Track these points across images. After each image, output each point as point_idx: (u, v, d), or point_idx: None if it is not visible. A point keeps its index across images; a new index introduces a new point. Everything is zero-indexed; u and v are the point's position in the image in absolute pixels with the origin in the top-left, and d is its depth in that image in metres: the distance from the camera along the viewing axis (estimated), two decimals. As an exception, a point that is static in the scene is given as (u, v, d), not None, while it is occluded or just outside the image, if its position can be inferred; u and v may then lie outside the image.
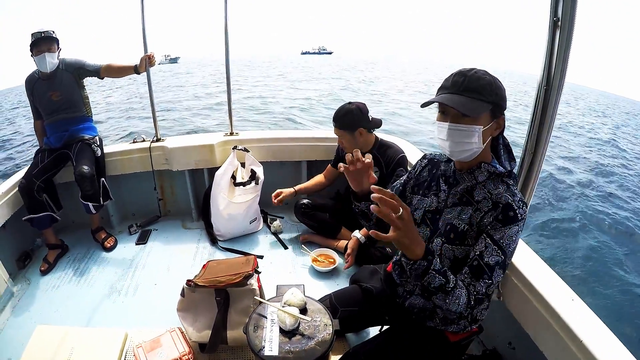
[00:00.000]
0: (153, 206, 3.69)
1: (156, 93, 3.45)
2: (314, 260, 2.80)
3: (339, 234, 3.00)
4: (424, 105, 1.35)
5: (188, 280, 1.80)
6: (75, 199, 3.30)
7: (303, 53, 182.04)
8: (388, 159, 2.68)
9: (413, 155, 2.92)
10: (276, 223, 3.31)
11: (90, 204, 3.09)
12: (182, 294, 1.85)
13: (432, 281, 1.22)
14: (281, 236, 3.24)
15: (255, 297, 1.80)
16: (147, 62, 3.17)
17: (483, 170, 1.36)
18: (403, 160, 2.68)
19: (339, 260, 2.81)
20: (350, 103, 2.67)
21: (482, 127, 1.27)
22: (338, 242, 2.96)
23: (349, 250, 2.71)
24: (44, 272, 3.08)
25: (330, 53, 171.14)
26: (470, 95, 1.26)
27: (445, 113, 1.33)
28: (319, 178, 3.16)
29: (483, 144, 1.31)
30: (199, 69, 61.42)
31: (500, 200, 1.29)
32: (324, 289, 2.63)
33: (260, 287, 1.89)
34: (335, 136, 3.09)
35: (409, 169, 2.48)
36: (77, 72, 3.16)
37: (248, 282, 1.79)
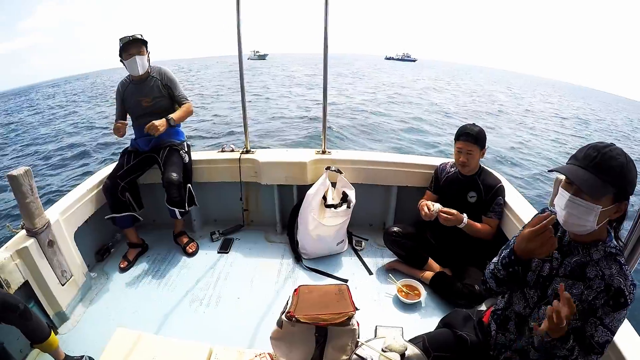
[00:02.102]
0: (236, 215, 3.73)
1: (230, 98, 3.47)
2: (399, 290, 2.76)
3: (425, 265, 2.93)
4: (551, 170, 1.41)
5: (289, 314, 1.80)
6: (158, 200, 3.40)
7: (387, 58, 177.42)
8: (488, 186, 2.69)
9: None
10: None
11: (176, 210, 3.15)
12: (280, 325, 1.84)
13: (559, 352, 1.32)
14: (365, 260, 3.19)
15: (357, 338, 1.79)
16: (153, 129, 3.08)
17: (599, 249, 1.37)
18: (502, 190, 2.70)
19: (424, 293, 2.73)
20: (473, 124, 2.66)
21: (602, 207, 1.28)
22: (424, 273, 2.89)
23: (453, 211, 2.60)
24: (123, 270, 3.19)
25: (414, 60, 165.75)
26: (598, 175, 1.26)
27: (571, 184, 1.34)
28: None
29: (597, 225, 1.31)
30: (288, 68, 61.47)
31: (612, 284, 1.30)
32: (407, 321, 2.59)
33: (358, 324, 1.88)
34: (430, 163, 3.07)
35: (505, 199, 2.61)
36: (167, 87, 3.23)
37: (350, 322, 1.79)
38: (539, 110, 28.27)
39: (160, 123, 3.06)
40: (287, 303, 1.95)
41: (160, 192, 3.25)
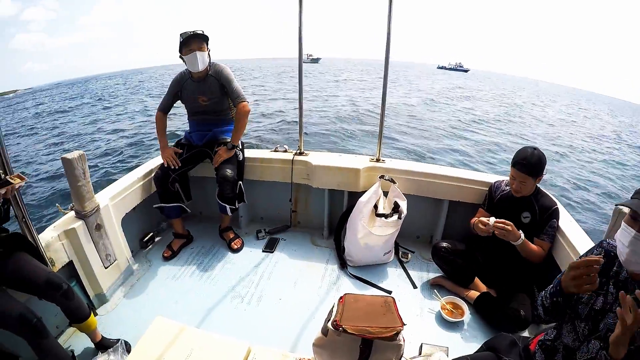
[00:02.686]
0: (284, 215, 3.74)
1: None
2: (443, 307, 2.68)
3: (471, 283, 2.84)
4: (619, 205, 1.43)
5: (335, 322, 1.77)
6: (206, 193, 3.49)
7: (439, 67, 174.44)
8: (543, 207, 2.58)
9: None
10: None
11: (227, 206, 3.17)
12: (325, 333, 1.81)
13: None
14: (410, 272, 3.12)
15: (402, 355, 1.75)
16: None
17: None
18: (557, 212, 2.59)
19: (467, 312, 2.65)
20: (535, 149, 2.52)
21: None
22: (469, 292, 2.81)
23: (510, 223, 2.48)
24: (167, 259, 3.25)
25: (466, 71, 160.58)
26: None
27: (636, 220, 1.30)
28: None
29: None
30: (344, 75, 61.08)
31: None
32: (449, 340, 2.51)
33: (403, 339, 1.84)
34: (485, 180, 3.02)
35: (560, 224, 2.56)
36: (222, 85, 3.18)
37: (397, 338, 1.75)
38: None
39: (224, 151, 3.14)
40: (331, 310, 1.93)
41: (209, 186, 3.30)
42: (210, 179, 3.34)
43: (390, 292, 2.89)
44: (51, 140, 15.34)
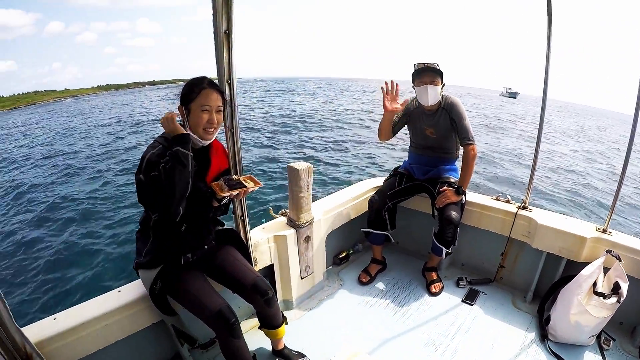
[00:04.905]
0: (487, 268, 3.58)
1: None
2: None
3: None
4: None
5: None
6: (410, 225, 3.58)
7: None
8: None
9: None
10: None
11: (444, 249, 3.13)
12: None
13: None
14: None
15: None
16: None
17: None
18: None
19: None
20: None
21: None
22: None
23: None
24: (364, 284, 3.31)
25: None
26: None
27: None
28: None
29: None
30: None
31: None
32: None
33: None
34: None
35: None
36: (452, 120, 3.09)
37: None
38: None
39: (452, 194, 3.05)
40: None
41: (414, 219, 3.40)
42: (416, 212, 3.35)
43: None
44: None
